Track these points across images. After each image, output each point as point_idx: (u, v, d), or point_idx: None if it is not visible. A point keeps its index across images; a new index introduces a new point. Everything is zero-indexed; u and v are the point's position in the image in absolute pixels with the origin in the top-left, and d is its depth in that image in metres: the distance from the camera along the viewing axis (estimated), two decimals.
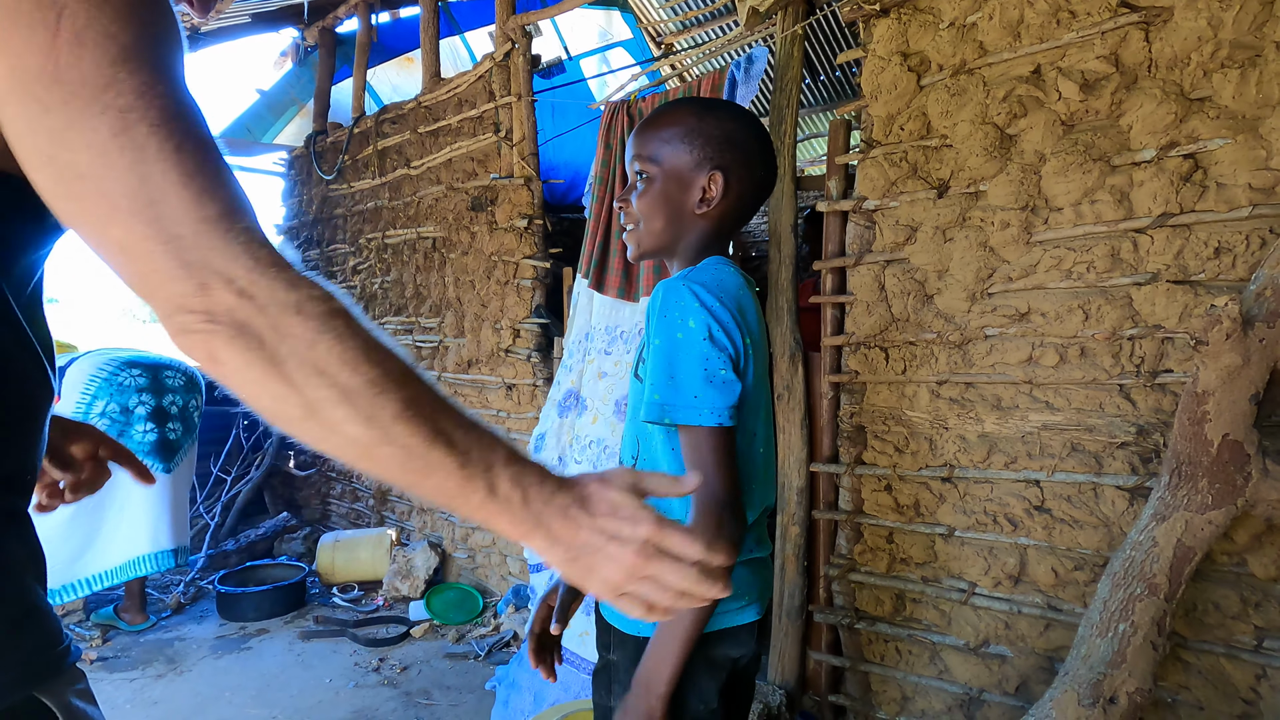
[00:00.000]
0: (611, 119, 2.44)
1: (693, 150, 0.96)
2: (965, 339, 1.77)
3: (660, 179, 0.97)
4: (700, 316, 0.87)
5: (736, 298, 0.93)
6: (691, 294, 0.88)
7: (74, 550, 2.57)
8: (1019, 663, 1.73)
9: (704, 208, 0.97)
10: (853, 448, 1.99)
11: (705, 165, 0.96)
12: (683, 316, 0.88)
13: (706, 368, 0.86)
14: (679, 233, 0.99)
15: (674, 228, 0.99)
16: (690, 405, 0.86)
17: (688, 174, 0.96)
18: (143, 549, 2.65)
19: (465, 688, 2.36)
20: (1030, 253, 1.66)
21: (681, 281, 0.90)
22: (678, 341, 0.87)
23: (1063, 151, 1.59)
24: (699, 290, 0.88)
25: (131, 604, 2.82)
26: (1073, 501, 1.63)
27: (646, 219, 0.99)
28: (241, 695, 2.32)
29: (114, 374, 2.65)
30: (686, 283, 0.89)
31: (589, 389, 2.45)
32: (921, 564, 1.87)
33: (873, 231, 1.93)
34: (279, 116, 4.42)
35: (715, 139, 0.96)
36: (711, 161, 0.96)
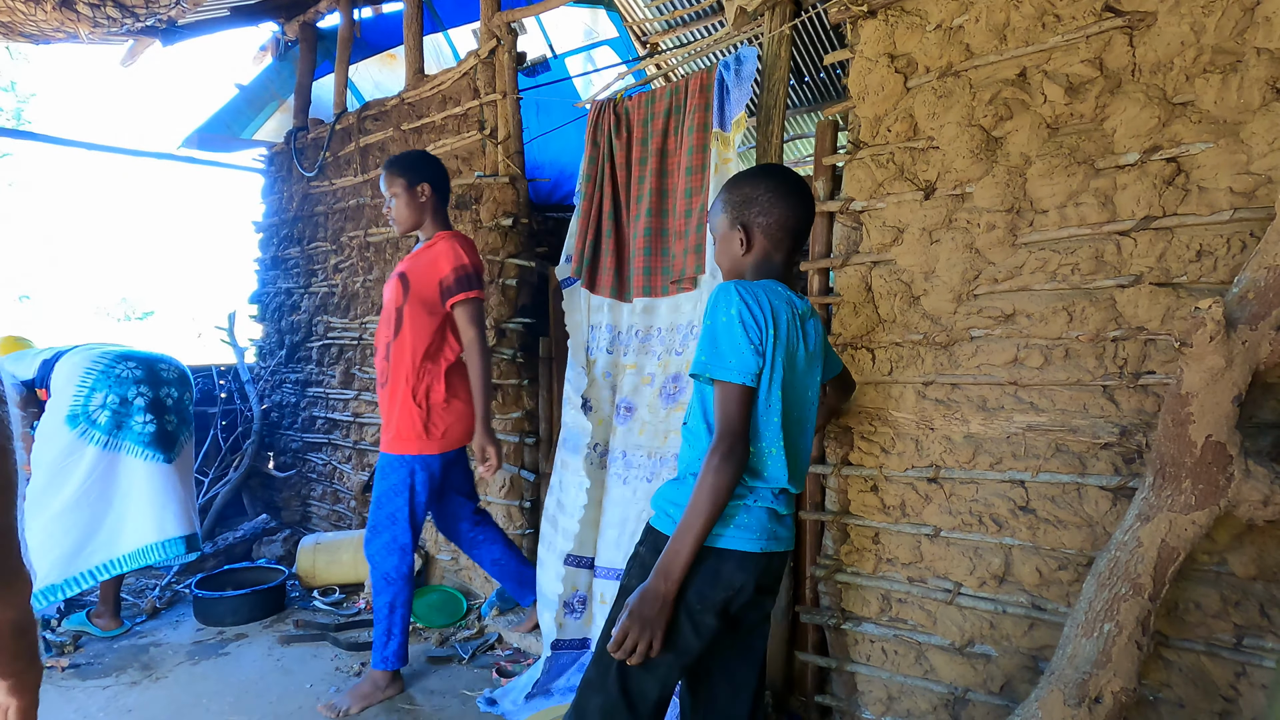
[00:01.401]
0: (598, 117, 2.43)
1: (726, 214, 1.38)
2: (951, 340, 1.77)
3: (718, 240, 1.41)
4: (737, 306, 1.22)
5: (770, 302, 1.25)
6: (735, 292, 1.24)
7: (76, 541, 2.55)
8: (1004, 662, 1.74)
9: (745, 251, 1.36)
10: (839, 448, 1.99)
11: (736, 224, 1.36)
12: (726, 306, 1.23)
13: (736, 342, 1.21)
14: (739, 272, 1.39)
15: (735, 269, 1.39)
16: (722, 365, 1.21)
17: (728, 233, 1.38)
18: (150, 538, 2.64)
19: (449, 691, 2.33)
20: (1016, 254, 1.67)
21: (732, 284, 1.26)
22: (719, 322, 1.23)
23: (1048, 154, 1.60)
24: (741, 290, 1.24)
25: (105, 609, 2.75)
26: (1057, 502, 1.64)
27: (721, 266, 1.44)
28: (219, 702, 2.28)
29: (110, 366, 2.64)
30: (734, 285, 1.25)
31: (592, 391, 2.42)
32: (908, 564, 1.88)
33: (859, 232, 1.93)
34: (258, 112, 4.36)
35: (735, 203, 1.36)
36: (739, 221, 1.36)
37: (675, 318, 2.23)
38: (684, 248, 2.13)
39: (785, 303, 1.29)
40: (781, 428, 1.27)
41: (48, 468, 2.54)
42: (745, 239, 1.34)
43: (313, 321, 4.01)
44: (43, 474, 2.53)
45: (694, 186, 2.13)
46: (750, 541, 1.25)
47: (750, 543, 1.25)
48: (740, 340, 1.20)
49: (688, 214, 2.14)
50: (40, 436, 2.58)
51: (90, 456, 2.57)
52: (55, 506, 2.52)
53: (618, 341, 2.38)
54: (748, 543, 1.25)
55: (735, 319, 1.21)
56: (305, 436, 4.08)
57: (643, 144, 2.31)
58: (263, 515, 3.99)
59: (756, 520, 1.26)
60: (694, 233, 2.11)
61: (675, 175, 2.22)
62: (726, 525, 1.24)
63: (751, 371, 1.20)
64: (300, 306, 4.12)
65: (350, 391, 3.70)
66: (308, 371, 4.06)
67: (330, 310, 3.86)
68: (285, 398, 4.26)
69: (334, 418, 3.84)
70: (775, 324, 1.23)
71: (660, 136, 2.25)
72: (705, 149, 2.12)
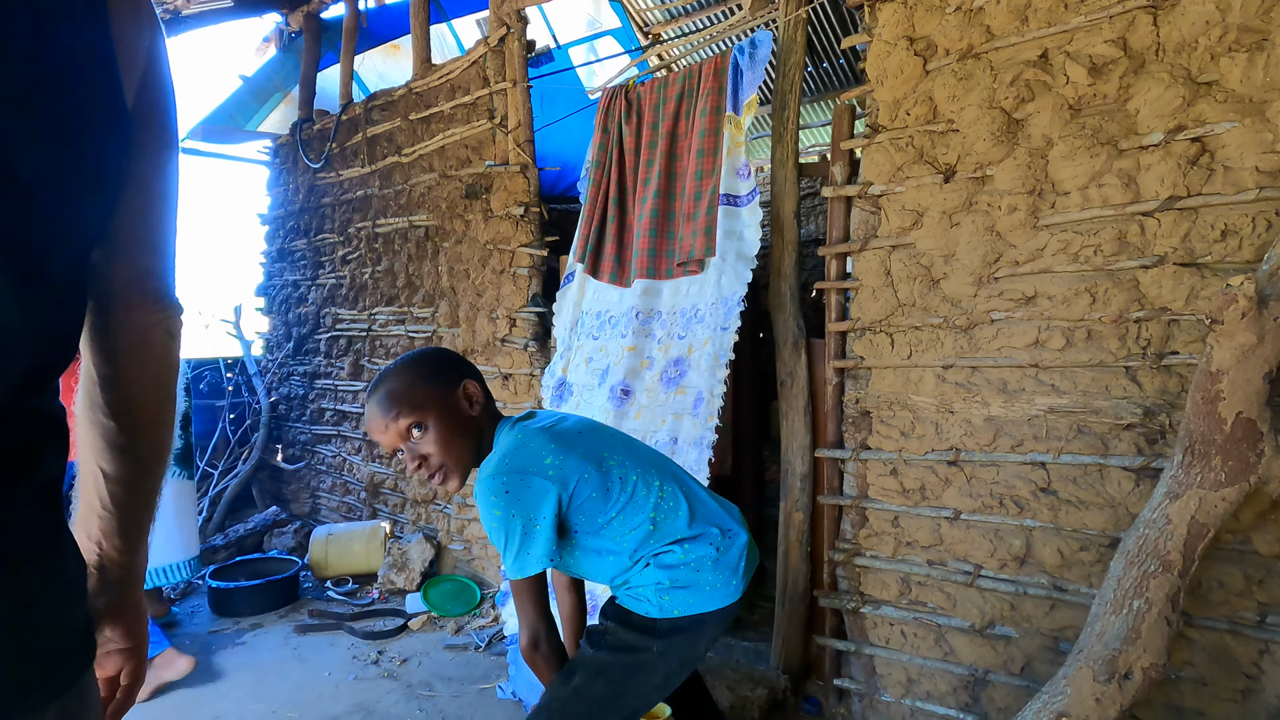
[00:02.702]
0: (610, 103, 2.42)
1: (434, 386, 1.25)
2: (971, 323, 1.78)
3: (434, 423, 1.23)
4: (499, 502, 1.15)
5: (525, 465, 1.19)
6: (490, 484, 1.16)
7: None
8: (1024, 643, 1.75)
9: (475, 407, 1.27)
10: (858, 433, 1.99)
11: (454, 383, 1.26)
12: (489, 507, 1.16)
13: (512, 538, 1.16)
14: (477, 441, 1.28)
15: (472, 444, 1.28)
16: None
17: (449, 399, 1.25)
18: (177, 556, 2.65)
19: (467, 679, 2.34)
20: (1037, 237, 1.67)
21: (486, 477, 1.18)
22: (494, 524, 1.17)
23: (1070, 135, 1.60)
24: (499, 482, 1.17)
25: (150, 595, 2.76)
26: (1079, 483, 1.65)
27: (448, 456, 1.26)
28: (239, 690, 2.28)
29: None
30: (490, 478, 1.17)
31: (575, 375, 2.43)
32: (927, 547, 1.89)
33: (878, 217, 1.93)
34: (263, 103, 4.33)
35: (435, 370, 1.26)
36: (457, 377, 1.27)
37: (677, 301, 2.23)
38: (693, 229, 2.13)
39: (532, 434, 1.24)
40: (649, 486, 1.24)
41: None
42: (472, 399, 1.26)
43: (320, 313, 4.00)
44: None
45: (705, 169, 2.13)
46: (722, 597, 1.24)
47: (723, 598, 1.24)
48: (514, 532, 1.16)
49: (697, 196, 2.14)
50: None
51: None
52: None
53: (609, 325, 2.38)
54: (721, 599, 1.24)
55: (502, 519, 1.15)
56: (314, 429, 4.08)
57: (653, 128, 2.31)
58: (273, 507, 4.00)
59: (719, 575, 1.24)
60: (704, 214, 2.11)
61: (685, 158, 2.21)
62: (699, 592, 1.22)
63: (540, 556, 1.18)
64: (308, 299, 4.11)
65: (359, 383, 3.69)
66: (316, 364, 4.06)
67: (338, 302, 3.86)
68: (293, 390, 4.26)
69: (343, 409, 3.83)
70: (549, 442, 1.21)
71: (671, 120, 2.25)
72: (718, 132, 2.11)
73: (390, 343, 3.52)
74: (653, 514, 1.23)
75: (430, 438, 1.20)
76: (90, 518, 0.67)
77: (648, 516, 1.23)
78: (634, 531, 1.22)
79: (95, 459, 0.65)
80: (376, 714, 2.13)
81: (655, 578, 1.22)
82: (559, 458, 1.19)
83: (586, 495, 1.20)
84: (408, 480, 3.43)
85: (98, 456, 0.65)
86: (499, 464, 1.18)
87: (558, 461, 1.19)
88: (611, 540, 1.23)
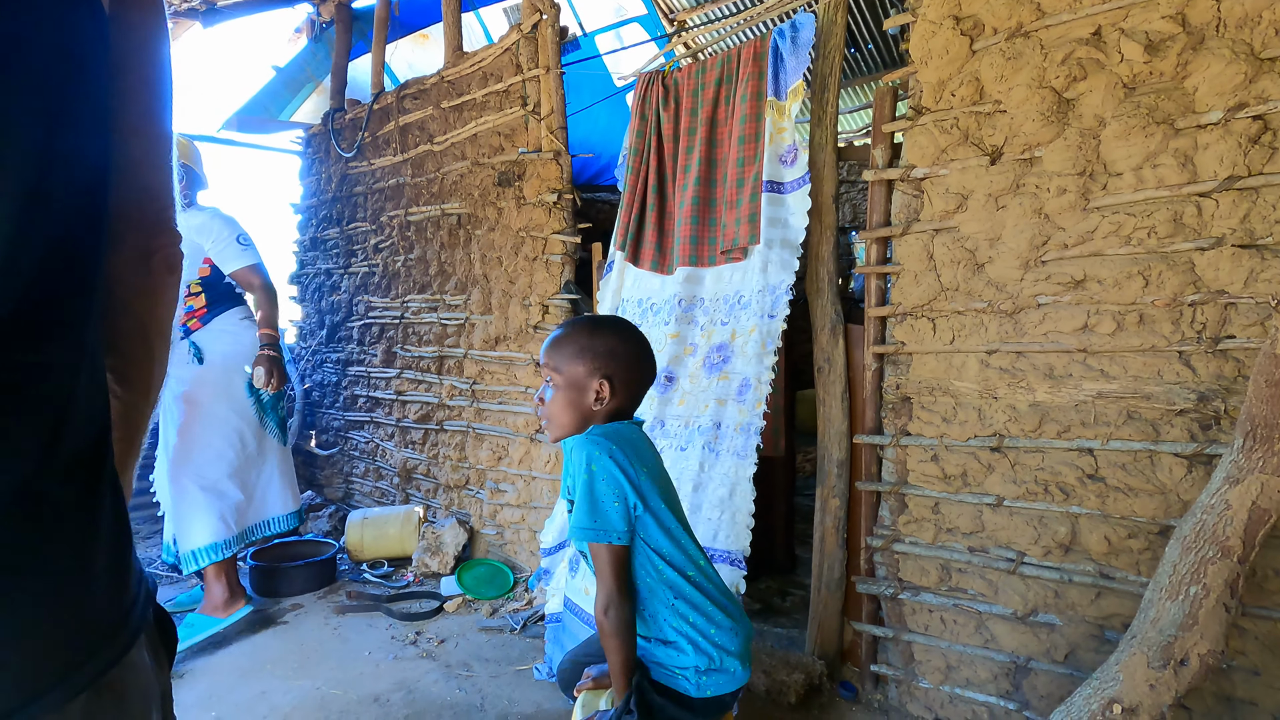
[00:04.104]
0: (646, 90, 2.41)
1: (585, 363, 1.26)
2: (1017, 308, 1.75)
3: (564, 386, 1.27)
4: (600, 464, 1.18)
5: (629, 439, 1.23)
6: (594, 449, 1.19)
7: (241, 501, 2.75)
8: (1068, 631, 1.73)
9: (599, 405, 1.26)
10: (898, 419, 1.98)
11: (596, 374, 1.25)
12: (586, 466, 1.18)
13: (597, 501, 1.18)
14: (583, 425, 1.28)
15: (579, 422, 1.28)
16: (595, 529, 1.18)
17: (584, 381, 1.26)
18: (290, 507, 2.97)
19: (504, 660, 2.37)
20: (1087, 219, 1.64)
21: (588, 437, 1.21)
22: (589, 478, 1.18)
23: (1124, 115, 1.57)
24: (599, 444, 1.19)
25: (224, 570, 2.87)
26: (1128, 469, 1.63)
27: (555, 415, 1.29)
28: (283, 667, 2.34)
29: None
30: (592, 438, 1.21)
31: None
32: (969, 534, 1.87)
33: (920, 200, 1.91)
34: (295, 93, 4.39)
35: (601, 353, 1.26)
36: (600, 371, 1.25)
37: (720, 288, 2.22)
38: (736, 217, 2.12)
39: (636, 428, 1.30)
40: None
41: (230, 426, 2.69)
42: (599, 394, 1.26)
43: (353, 301, 4.05)
44: (216, 431, 2.66)
45: (747, 156, 2.11)
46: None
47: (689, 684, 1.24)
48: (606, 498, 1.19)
49: (740, 183, 2.12)
50: (217, 391, 2.67)
51: (256, 426, 2.79)
52: (223, 465, 2.68)
53: (650, 313, 2.38)
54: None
55: (598, 476, 1.18)
56: (347, 415, 4.14)
57: (692, 114, 2.29)
58: (307, 491, 4.07)
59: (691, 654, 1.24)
60: (747, 202, 2.09)
61: (726, 144, 2.20)
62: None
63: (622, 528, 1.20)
64: (340, 287, 4.17)
65: (392, 370, 3.74)
66: (349, 351, 4.12)
67: (371, 290, 3.90)
68: (326, 377, 4.33)
69: (376, 396, 3.89)
70: (640, 457, 1.23)
71: (711, 106, 2.23)
72: (759, 118, 2.10)
73: (422, 330, 3.56)
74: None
75: (553, 394, 1.28)
76: None
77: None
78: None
79: None
80: (418, 692, 2.18)
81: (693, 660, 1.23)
82: (648, 480, 1.23)
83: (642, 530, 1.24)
84: (440, 465, 3.47)
85: None
86: (609, 429, 1.24)
87: (646, 482, 1.22)
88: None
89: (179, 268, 0.64)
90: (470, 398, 3.26)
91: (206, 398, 2.66)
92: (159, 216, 0.61)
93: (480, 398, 3.22)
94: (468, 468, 3.32)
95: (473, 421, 3.26)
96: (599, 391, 1.25)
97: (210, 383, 2.67)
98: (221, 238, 2.70)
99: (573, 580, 2.25)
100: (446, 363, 3.41)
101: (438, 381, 3.45)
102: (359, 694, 2.17)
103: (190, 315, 2.71)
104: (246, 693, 2.19)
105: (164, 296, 0.63)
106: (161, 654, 0.58)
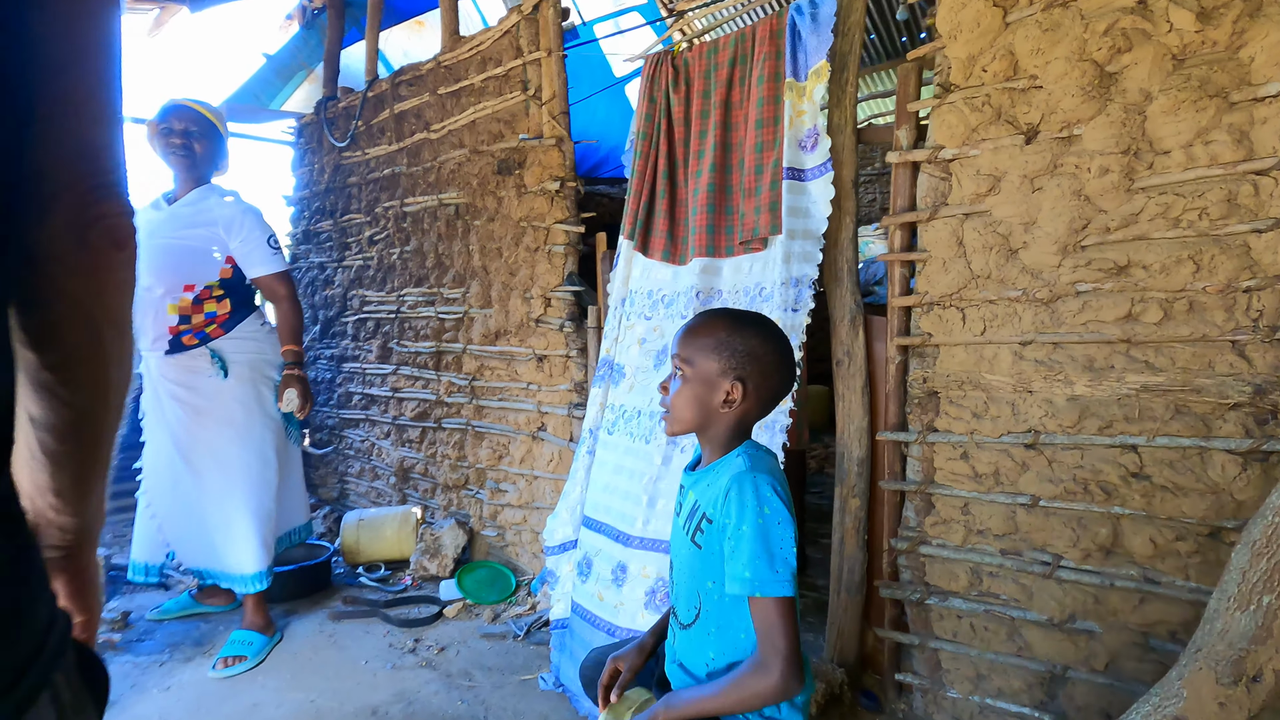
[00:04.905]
0: (654, 71, 2.30)
1: (721, 360, 1.15)
2: (1054, 296, 1.65)
3: (693, 380, 1.17)
4: (772, 505, 1.06)
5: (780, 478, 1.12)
6: (765, 489, 1.07)
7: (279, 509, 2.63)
8: (1108, 639, 1.63)
9: (727, 408, 1.15)
10: (924, 415, 1.88)
11: (730, 374, 1.14)
12: (758, 506, 1.05)
13: (775, 545, 1.05)
14: (706, 424, 1.18)
15: (702, 420, 1.18)
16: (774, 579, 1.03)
17: (715, 379, 1.15)
18: (306, 516, 2.88)
19: (507, 669, 2.27)
20: (1132, 201, 1.54)
21: (754, 476, 1.09)
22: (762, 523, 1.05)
23: (1173, 88, 1.46)
24: (766, 484, 1.08)
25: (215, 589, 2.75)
26: (1175, 467, 1.53)
27: (678, 409, 1.19)
28: (275, 678, 2.23)
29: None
30: (758, 477, 1.08)
31: (626, 356, 2.33)
32: (1000, 535, 1.77)
33: (949, 183, 1.80)
34: (286, 82, 4.26)
35: (740, 352, 1.15)
36: (735, 371, 1.14)
37: (739, 279, 2.11)
38: (755, 205, 2.01)
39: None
40: None
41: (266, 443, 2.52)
42: (729, 397, 1.15)
43: (347, 295, 3.93)
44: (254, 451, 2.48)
45: (765, 141, 2.00)
46: None
47: None
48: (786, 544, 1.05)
49: (758, 170, 2.01)
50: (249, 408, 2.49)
51: (283, 436, 2.64)
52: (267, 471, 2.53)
53: (662, 305, 2.26)
54: None
55: (773, 520, 1.05)
56: (341, 413, 4.02)
57: (704, 96, 2.18)
58: None
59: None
60: (767, 190, 1.98)
61: (742, 129, 2.09)
62: None
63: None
64: (334, 280, 4.05)
65: (388, 366, 3.62)
66: (343, 347, 4.00)
67: (365, 284, 3.78)
68: (320, 374, 4.21)
69: (371, 393, 3.77)
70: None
71: (725, 88, 2.12)
72: (777, 100, 1.99)
73: (419, 325, 3.44)
74: None
75: (680, 386, 1.18)
76: (25, 465, 0.54)
77: None
78: None
79: (22, 399, 0.52)
80: (418, 704, 2.07)
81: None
82: None
83: None
84: (438, 465, 3.36)
85: (23, 396, 0.52)
86: (771, 466, 1.13)
87: None
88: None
89: (129, 244, 0.53)
90: (469, 394, 3.15)
91: (240, 416, 2.45)
92: (100, 180, 0.51)
93: (480, 394, 3.11)
94: (467, 467, 3.21)
95: (472, 419, 3.15)
96: (729, 393, 1.14)
97: (241, 399, 2.46)
98: (252, 237, 2.45)
99: (583, 585, 2.15)
100: (444, 358, 3.30)
101: (435, 378, 3.33)
102: (355, 706, 2.06)
103: (211, 321, 2.43)
104: (237, 705, 2.08)
105: (111, 277, 0.53)
106: (89, 708, 0.48)
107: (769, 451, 1.20)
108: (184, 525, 2.48)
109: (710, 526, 1.12)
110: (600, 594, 2.08)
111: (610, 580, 2.07)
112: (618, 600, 2.03)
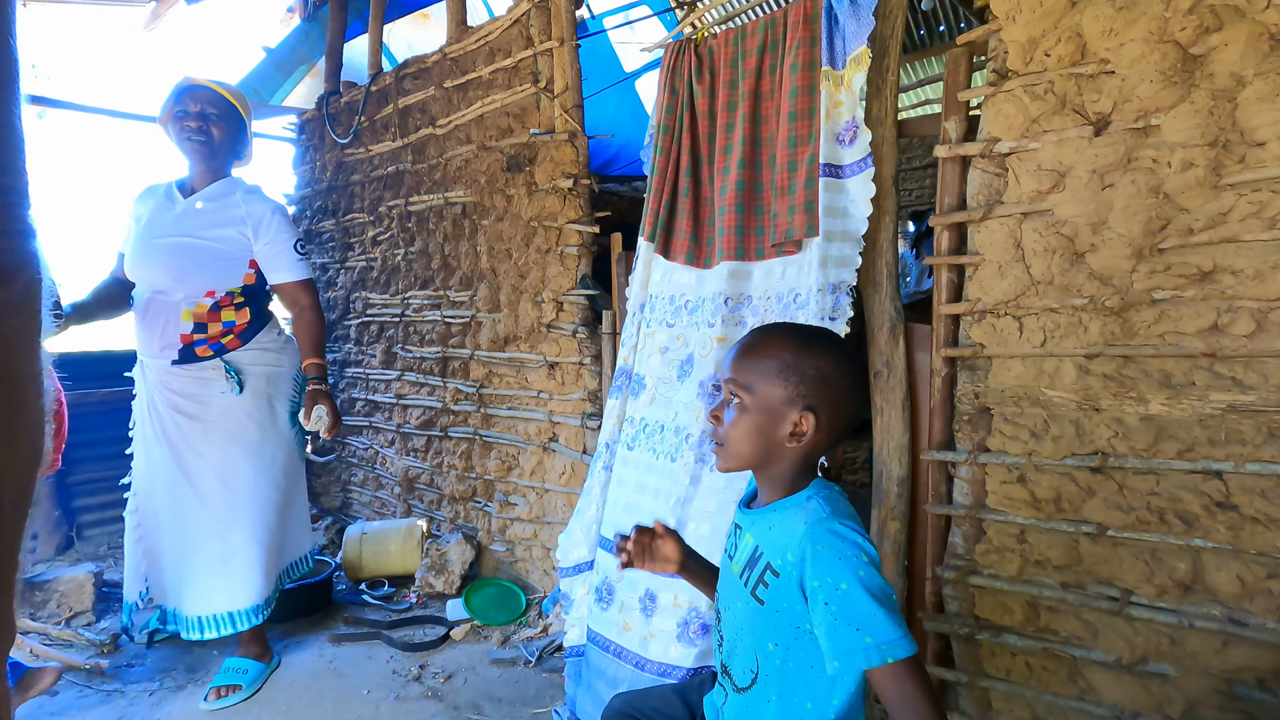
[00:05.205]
0: (676, 60, 2.14)
1: (787, 386, 0.99)
2: (1126, 304, 1.49)
3: (753, 409, 1.01)
4: (870, 552, 0.92)
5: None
6: (856, 535, 0.94)
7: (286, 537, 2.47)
8: (1185, 683, 1.47)
9: (794, 442, 1.00)
10: (974, 433, 1.72)
11: (798, 403, 0.99)
12: (857, 556, 0.91)
13: (887, 601, 0.90)
14: (768, 460, 1.03)
15: (763, 456, 1.03)
16: (900, 639, 0.87)
17: (780, 408, 1.00)
18: (311, 541, 2.68)
19: (518, 700, 2.12)
20: (1219, 199, 1.38)
21: (839, 523, 0.95)
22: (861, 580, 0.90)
23: (1270, 72, 1.30)
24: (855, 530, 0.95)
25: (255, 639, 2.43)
26: (1269, 497, 1.37)
27: (734, 442, 1.03)
28: (271, 709, 2.09)
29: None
30: (843, 524, 0.95)
31: (646, 366, 2.17)
32: (1061, 567, 1.61)
33: (1004, 179, 1.64)
34: (287, 77, 4.12)
35: (810, 377, 0.99)
36: (804, 400, 0.99)
37: (770, 284, 1.95)
38: (788, 205, 1.85)
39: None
40: None
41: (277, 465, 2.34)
42: (812, 425, 0.98)
43: (350, 298, 3.79)
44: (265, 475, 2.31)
45: (800, 135, 1.84)
46: None
47: None
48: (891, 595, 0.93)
49: (792, 166, 1.86)
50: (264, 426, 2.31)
51: (295, 457, 2.45)
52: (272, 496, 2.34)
53: (686, 312, 2.11)
54: None
55: (875, 573, 0.92)
56: (344, 419, 3.88)
57: (731, 87, 2.02)
58: None
59: None
60: (801, 188, 1.82)
61: (774, 121, 1.93)
62: None
63: None
64: (336, 282, 3.91)
65: (392, 372, 3.48)
66: (345, 351, 3.86)
67: (369, 286, 3.64)
68: None
69: (375, 399, 3.63)
70: None
71: (754, 77, 1.96)
72: (812, 90, 1.83)
73: (425, 329, 3.30)
74: None
75: (736, 416, 1.02)
76: None
77: None
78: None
79: None
80: None
81: None
82: None
83: None
84: (444, 475, 3.22)
85: None
86: (849, 510, 1.00)
87: None
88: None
89: (14, 277, 0.43)
90: (477, 402, 3.00)
91: (253, 433, 2.26)
92: None
93: (488, 402, 2.97)
94: (474, 478, 3.06)
95: (479, 428, 3.00)
96: (798, 425, 0.98)
97: (254, 415, 2.27)
98: (279, 240, 2.27)
99: (603, 613, 2.00)
100: (451, 364, 3.15)
101: (441, 384, 3.19)
102: None
103: (229, 331, 2.23)
104: None
105: None
106: None
107: (840, 490, 1.04)
108: (172, 550, 2.25)
109: (777, 581, 0.97)
110: (627, 624, 1.93)
111: (638, 609, 1.92)
112: (646, 631, 1.88)
